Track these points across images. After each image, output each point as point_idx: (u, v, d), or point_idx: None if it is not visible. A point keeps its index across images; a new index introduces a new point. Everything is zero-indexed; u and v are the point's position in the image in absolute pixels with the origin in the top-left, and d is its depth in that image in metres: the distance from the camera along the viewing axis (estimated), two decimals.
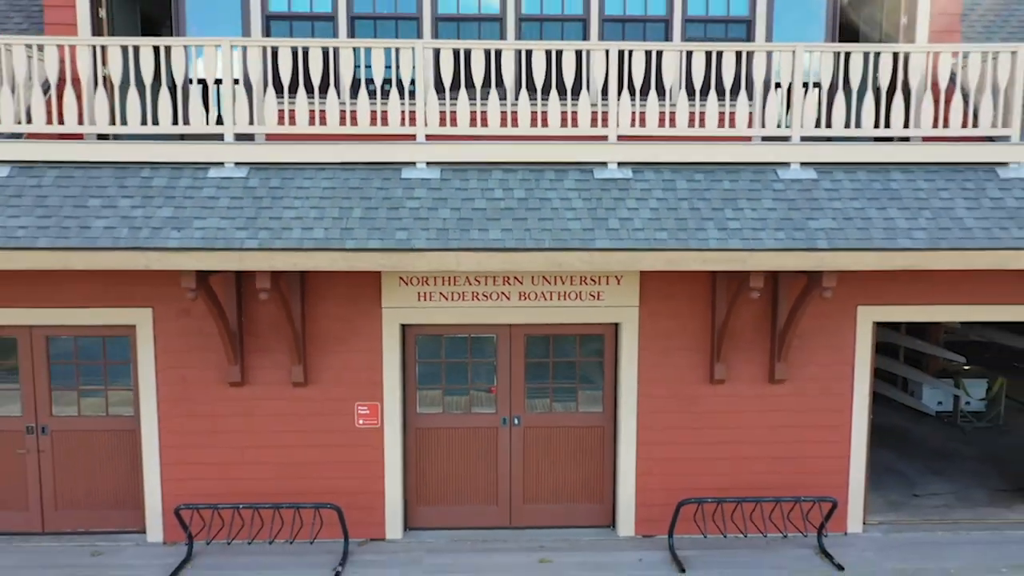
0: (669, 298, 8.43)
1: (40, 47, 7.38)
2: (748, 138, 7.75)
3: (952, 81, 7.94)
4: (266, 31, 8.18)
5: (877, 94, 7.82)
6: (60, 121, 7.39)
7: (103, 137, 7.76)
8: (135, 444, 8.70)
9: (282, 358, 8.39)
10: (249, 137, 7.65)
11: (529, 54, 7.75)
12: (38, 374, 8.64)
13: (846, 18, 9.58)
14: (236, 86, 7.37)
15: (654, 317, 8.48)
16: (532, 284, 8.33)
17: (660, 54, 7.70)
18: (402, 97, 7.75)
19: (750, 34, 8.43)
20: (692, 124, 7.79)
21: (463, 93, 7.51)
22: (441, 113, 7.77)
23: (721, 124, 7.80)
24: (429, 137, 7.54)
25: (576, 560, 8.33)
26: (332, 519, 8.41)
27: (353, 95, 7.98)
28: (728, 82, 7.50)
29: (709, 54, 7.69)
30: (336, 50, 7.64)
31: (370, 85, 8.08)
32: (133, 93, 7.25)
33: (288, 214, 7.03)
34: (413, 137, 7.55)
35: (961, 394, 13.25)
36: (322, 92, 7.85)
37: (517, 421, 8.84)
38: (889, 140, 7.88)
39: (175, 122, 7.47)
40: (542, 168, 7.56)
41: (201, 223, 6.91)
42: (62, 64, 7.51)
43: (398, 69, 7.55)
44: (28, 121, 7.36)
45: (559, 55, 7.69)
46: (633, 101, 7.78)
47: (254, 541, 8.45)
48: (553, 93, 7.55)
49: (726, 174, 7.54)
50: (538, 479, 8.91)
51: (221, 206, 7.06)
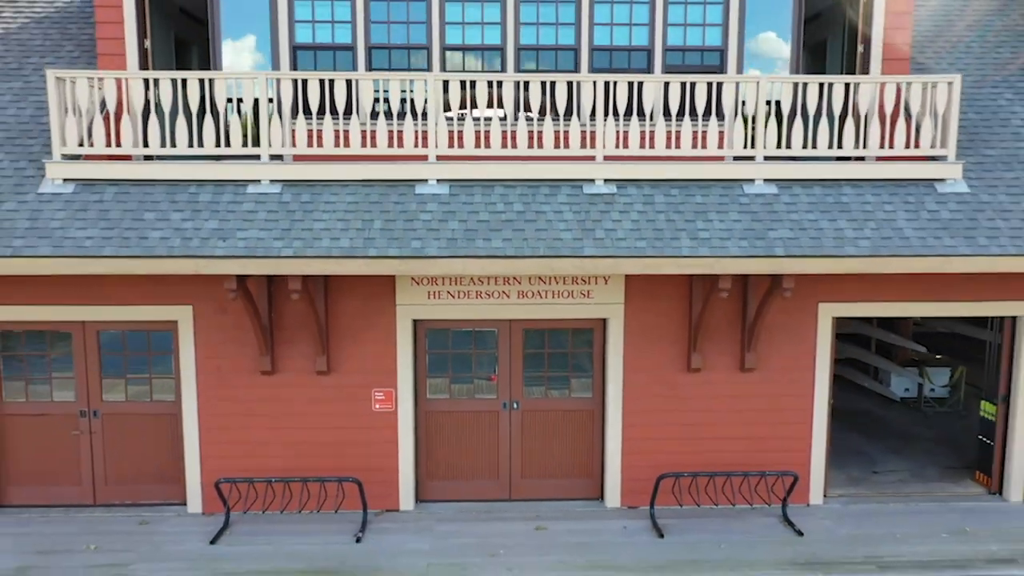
0: (651, 296, 9.50)
1: (100, 80, 8.42)
2: (720, 158, 8.80)
3: (897, 106, 8.99)
4: (292, 60, 9.22)
5: (831, 119, 8.89)
6: (117, 144, 8.45)
7: (148, 158, 8.81)
8: (176, 426, 9.78)
9: (307, 349, 9.45)
10: (280, 157, 8.70)
11: (527, 84, 8.80)
12: (90, 364, 9.70)
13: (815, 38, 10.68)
14: (271, 113, 8.42)
15: (638, 313, 9.56)
16: (529, 284, 9.41)
17: (641, 84, 8.76)
18: (415, 119, 8.81)
19: (723, 61, 9.47)
20: (669, 145, 8.83)
21: (469, 118, 8.58)
22: (449, 133, 8.83)
23: (695, 145, 8.86)
24: (440, 157, 8.61)
25: (568, 528, 9.44)
26: (353, 492, 9.52)
27: (372, 119, 9.02)
28: (700, 108, 8.57)
29: (684, 84, 8.76)
30: (358, 81, 8.66)
31: (386, 104, 9.11)
32: (181, 119, 8.30)
33: (318, 226, 8.10)
34: (425, 157, 8.61)
35: (925, 382, 14.37)
36: (346, 116, 8.90)
37: (516, 405, 9.94)
38: (842, 159, 8.94)
39: (217, 144, 8.53)
40: (538, 184, 8.63)
41: (243, 234, 7.98)
42: (119, 93, 8.55)
43: (412, 97, 8.60)
44: (90, 144, 8.42)
45: (552, 85, 8.75)
46: (617, 122, 8.84)
47: (284, 511, 9.58)
48: (548, 118, 8.62)
49: (698, 189, 8.61)
50: (534, 457, 10.01)
51: (260, 219, 8.13)
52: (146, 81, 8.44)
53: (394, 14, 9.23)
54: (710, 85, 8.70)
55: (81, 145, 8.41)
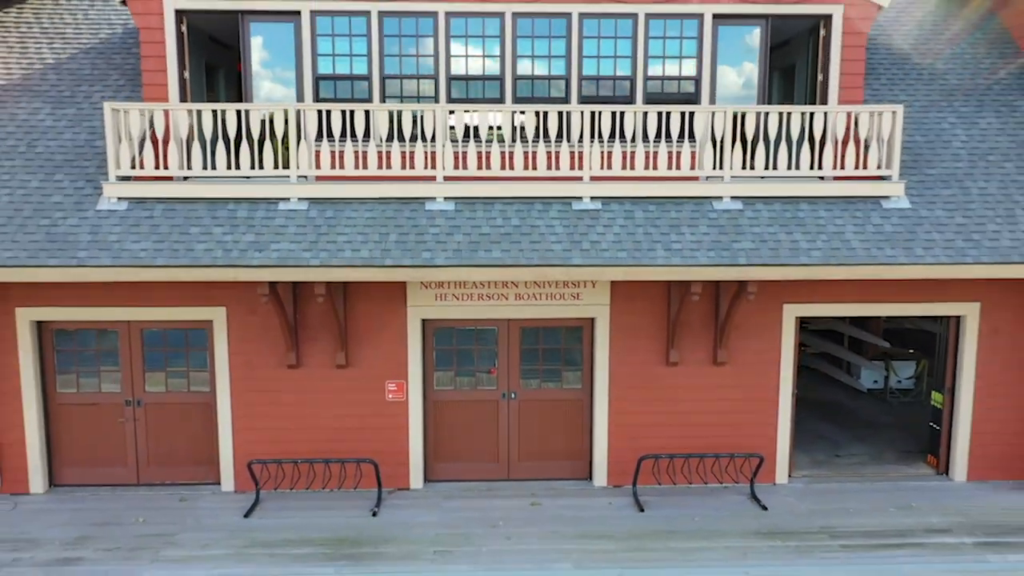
0: (633, 298, 10.70)
1: (151, 111, 9.60)
2: (692, 178, 9.98)
3: (847, 132, 10.17)
4: (315, 89, 10.38)
5: (790, 143, 10.07)
6: (165, 166, 9.64)
7: (185, 178, 9.98)
8: (211, 414, 10.98)
9: (328, 346, 10.65)
10: (303, 176, 9.88)
11: (523, 113, 9.98)
12: (134, 359, 10.90)
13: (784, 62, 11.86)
14: (299, 139, 9.61)
15: (622, 313, 10.75)
16: (525, 288, 10.60)
17: (623, 114, 9.94)
18: (424, 141, 10.00)
19: (698, 89, 10.63)
20: (648, 166, 10.01)
21: (472, 143, 9.77)
22: (455, 155, 10.02)
23: (670, 166, 10.04)
24: (447, 178, 9.80)
25: (559, 504, 10.66)
26: (369, 472, 10.74)
27: (388, 141, 10.19)
28: (675, 133, 9.76)
29: (660, 114, 9.94)
30: (374, 112, 9.82)
31: (399, 129, 10.28)
32: (220, 144, 9.49)
33: (341, 238, 9.29)
34: (434, 178, 9.80)
35: (891, 374, 15.60)
36: (364, 139, 10.08)
37: (514, 395, 11.14)
38: (799, 179, 10.12)
39: (252, 167, 9.71)
40: (532, 201, 9.82)
41: (276, 246, 9.17)
42: (165, 121, 9.73)
43: (422, 124, 9.79)
44: (141, 166, 9.60)
45: (545, 115, 9.93)
46: (602, 145, 10.02)
47: (308, 489, 10.80)
48: (541, 143, 9.81)
49: (673, 206, 9.80)
50: (530, 441, 11.21)
51: (290, 232, 9.32)
52: (190, 114, 9.61)
53: (405, 48, 10.40)
54: (683, 114, 9.90)
55: (133, 167, 9.59)
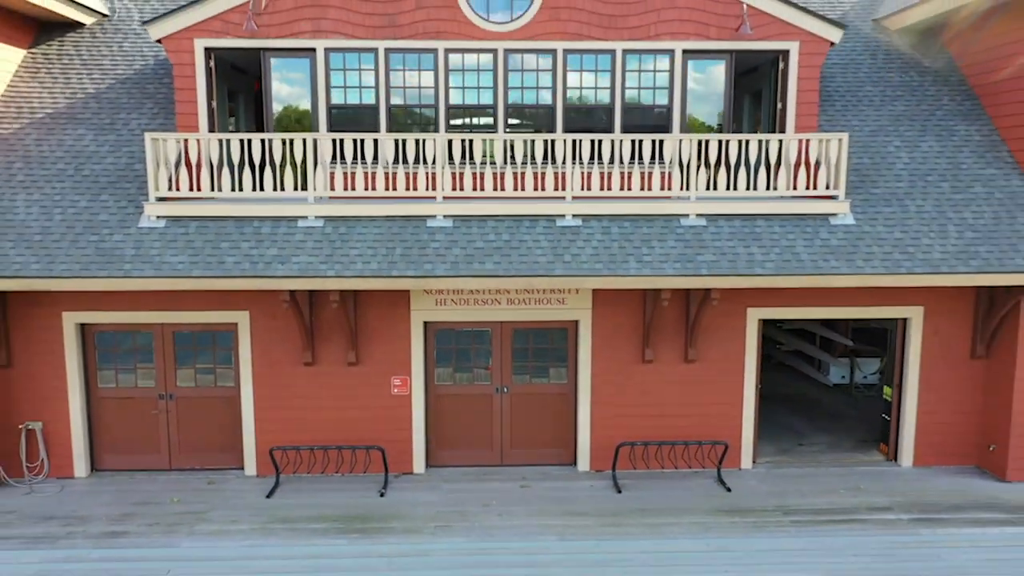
0: (612, 303, 12.00)
1: (185, 140, 10.91)
2: (664, 198, 11.26)
3: (799, 157, 11.45)
4: (329, 117, 11.67)
5: (748, 167, 11.36)
6: (198, 188, 10.95)
7: (215, 199, 11.27)
8: (235, 406, 12.29)
9: (341, 346, 11.95)
10: (320, 197, 11.17)
11: (513, 141, 11.27)
12: (167, 357, 12.22)
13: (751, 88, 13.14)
14: (316, 164, 10.91)
15: (602, 317, 12.05)
16: (516, 294, 11.90)
17: (600, 142, 11.23)
18: (425, 164, 11.29)
19: (670, 116, 11.91)
20: (623, 187, 11.31)
21: (468, 166, 11.07)
22: (452, 176, 11.32)
23: (643, 187, 11.33)
24: (445, 198, 11.10)
25: (547, 486, 11.98)
26: (377, 458, 12.07)
27: (394, 164, 11.48)
28: (647, 159, 11.06)
29: (634, 141, 11.24)
30: (380, 141, 11.12)
31: (404, 150, 11.57)
32: (247, 169, 10.80)
33: (353, 252, 10.59)
34: (434, 198, 11.10)
35: (856, 370, 16.91)
36: (373, 163, 11.38)
37: (506, 389, 12.46)
38: (757, 199, 11.39)
39: (274, 189, 11.02)
40: (521, 219, 11.11)
41: (296, 259, 10.48)
42: (198, 148, 11.03)
43: (424, 150, 11.08)
44: (177, 188, 10.91)
45: (533, 142, 11.24)
46: (583, 166, 11.31)
47: (323, 473, 12.13)
48: (528, 166, 11.11)
49: (645, 223, 11.09)
50: (521, 431, 12.52)
51: (308, 247, 10.63)
52: (220, 143, 10.92)
53: (408, 81, 11.70)
54: (654, 142, 11.20)
55: (170, 189, 10.90)
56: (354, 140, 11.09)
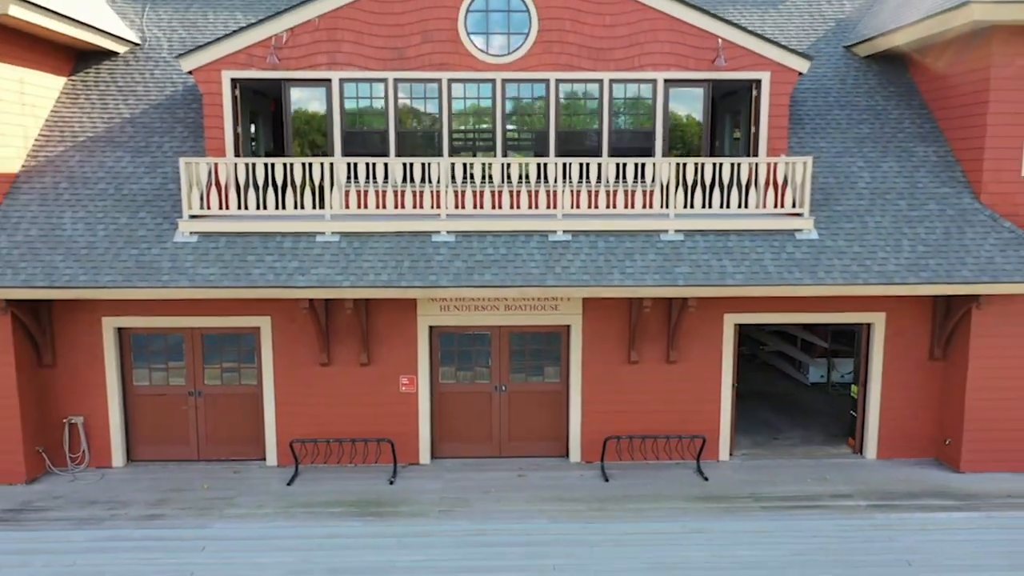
0: (601, 310, 13.19)
1: (215, 164, 12.14)
2: (646, 214, 12.46)
3: (768, 178, 12.62)
4: (344, 141, 12.89)
5: (722, 187, 12.54)
6: (226, 207, 12.17)
7: (242, 217, 12.50)
8: (258, 402, 13.52)
9: (353, 348, 13.16)
10: (336, 215, 12.39)
11: (509, 164, 12.47)
12: (196, 358, 13.45)
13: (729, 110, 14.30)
14: (332, 185, 12.13)
15: (592, 321, 13.25)
16: (513, 301, 13.09)
17: (589, 165, 12.43)
18: (430, 183, 12.49)
19: (652, 140, 13.08)
20: (609, 205, 12.50)
21: (468, 186, 12.28)
22: (455, 194, 12.51)
23: (626, 205, 12.53)
24: (449, 215, 12.30)
25: (541, 475, 13.19)
26: (387, 449, 13.30)
27: (403, 183, 12.68)
28: (631, 179, 12.25)
29: (618, 165, 12.43)
30: (390, 164, 12.35)
31: (411, 172, 12.76)
32: (271, 190, 12.02)
33: (366, 265, 11.80)
34: (438, 215, 12.30)
35: (832, 370, 18.07)
36: (383, 182, 12.58)
37: (504, 388, 13.67)
38: (729, 216, 12.55)
39: (295, 207, 12.25)
40: (516, 234, 12.30)
41: (315, 271, 11.69)
42: (226, 171, 12.25)
43: (429, 171, 12.29)
44: (207, 207, 12.14)
45: (527, 165, 12.43)
46: (572, 184, 12.49)
47: (338, 464, 13.35)
48: (523, 185, 12.30)
49: (628, 238, 12.28)
50: (518, 425, 13.73)
51: (326, 260, 11.84)
52: (247, 166, 12.14)
53: (415, 107, 12.90)
54: (636, 165, 12.40)
55: (201, 208, 12.13)
56: (367, 163, 12.30)
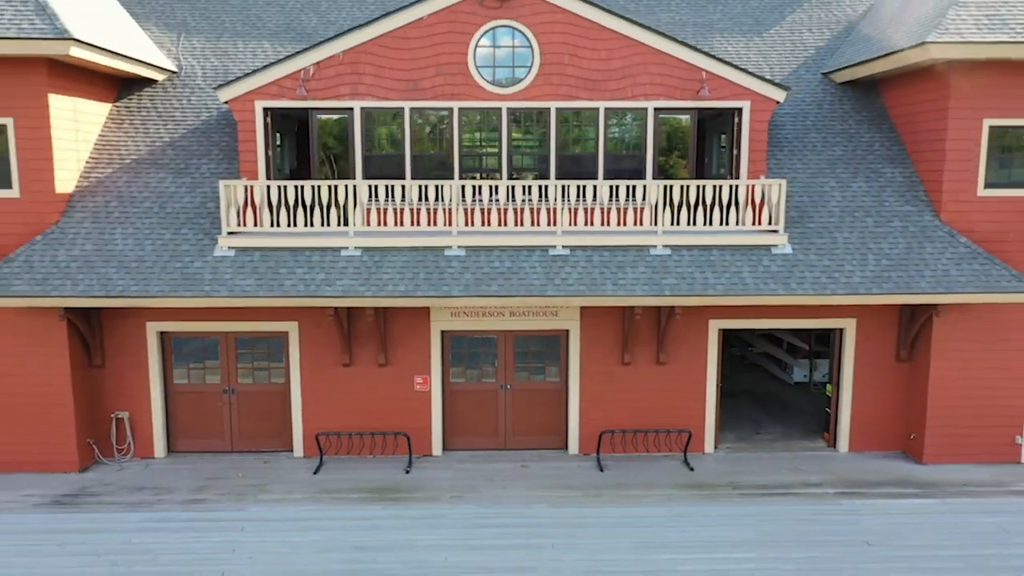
0: (597, 316, 14.56)
1: (251, 186, 13.55)
2: (637, 231, 13.82)
3: (747, 198, 13.97)
4: (365, 164, 14.27)
5: (706, 206, 13.90)
6: (259, 224, 13.58)
7: (274, 233, 13.89)
8: (286, 399, 14.93)
9: (373, 350, 14.56)
10: (358, 231, 13.77)
11: (514, 186, 13.84)
12: (230, 358, 14.86)
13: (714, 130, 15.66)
14: (355, 204, 13.53)
15: (589, 327, 14.62)
16: (517, 308, 14.47)
17: (585, 187, 13.80)
18: (442, 202, 13.86)
19: (643, 160, 14.43)
20: (603, 223, 13.87)
21: (477, 205, 13.66)
22: (465, 212, 13.89)
23: (619, 223, 13.90)
24: (459, 232, 13.68)
25: (542, 466, 14.57)
26: (403, 442, 14.70)
27: (418, 202, 14.06)
28: (623, 199, 13.62)
29: (611, 187, 13.80)
30: (407, 186, 13.74)
31: (426, 192, 14.14)
32: (300, 209, 13.43)
33: (385, 277, 13.18)
34: (450, 231, 13.68)
35: (815, 370, 19.40)
36: (401, 201, 13.97)
37: (509, 387, 15.05)
38: (712, 232, 13.89)
39: (322, 224, 13.66)
40: (520, 249, 13.67)
41: (340, 282, 13.09)
42: (259, 192, 13.66)
43: (442, 193, 13.68)
44: (243, 224, 13.55)
45: (530, 187, 13.81)
46: (570, 203, 13.85)
47: (359, 455, 14.76)
48: (526, 206, 13.68)
49: (621, 252, 13.63)
50: (521, 421, 15.11)
51: (349, 272, 13.23)
52: (279, 188, 13.55)
53: (427, 131, 14.29)
54: (627, 187, 13.77)
55: (238, 225, 13.54)
56: (386, 185, 13.70)
